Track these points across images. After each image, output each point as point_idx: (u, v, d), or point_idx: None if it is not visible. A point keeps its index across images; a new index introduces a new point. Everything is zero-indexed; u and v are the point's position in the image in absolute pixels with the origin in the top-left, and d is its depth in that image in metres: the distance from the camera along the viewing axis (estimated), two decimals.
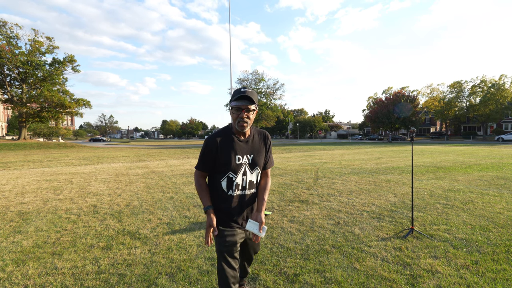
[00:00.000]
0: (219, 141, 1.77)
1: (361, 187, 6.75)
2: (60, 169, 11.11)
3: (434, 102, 56.03)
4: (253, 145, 1.84)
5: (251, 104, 1.69)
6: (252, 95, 1.68)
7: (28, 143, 31.01)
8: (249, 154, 1.81)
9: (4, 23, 32.30)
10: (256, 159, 1.83)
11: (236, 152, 1.77)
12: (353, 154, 17.64)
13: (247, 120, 1.72)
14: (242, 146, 1.80)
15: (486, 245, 3.24)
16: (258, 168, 1.85)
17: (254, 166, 1.83)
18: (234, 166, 1.76)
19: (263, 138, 1.92)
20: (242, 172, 1.79)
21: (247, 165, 1.80)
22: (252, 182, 1.84)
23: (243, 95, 1.67)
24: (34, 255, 3.07)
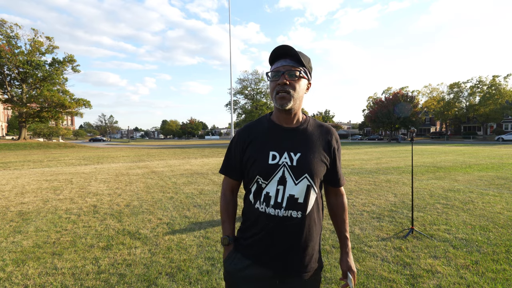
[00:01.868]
0: (250, 132, 1.19)
1: (361, 187, 6.75)
2: (60, 169, 11.11)
3: (433, 102, 56.06)
4: (304, 138, 1.14)
5: (298, 65, 1.07)
6: (300, 55, 1.07)
7: (28, 143, 31.01)
8: (294, 151, 1.11)
9: (4, 22, 32.30)
10: (306, 160, 1.10)
11: (269, 145, 1.13)
12: (353, 154, 17.64)
13: (290, 89, 1.06)
14: (282, 136, 1.14)
15: (486, 245, 3.24)
16: (310, 178, 1.10)
17: (301, 171, 1.09)
18: (264, 167, 1.10)
19: (326, 133, 1.19)
20: (277, 177, 1.09)
21: (287, 167, 1.09)
22: (294, 199, 1.09)
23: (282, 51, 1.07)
24: (34, 255, 3.07)
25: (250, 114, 59.69)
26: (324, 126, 1.21)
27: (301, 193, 1.10)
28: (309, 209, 1.12)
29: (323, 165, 1.14)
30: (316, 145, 1.15)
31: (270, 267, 1.11)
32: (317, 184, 1.14)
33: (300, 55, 1.06)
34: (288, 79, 1.06)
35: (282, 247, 1.10)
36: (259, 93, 62.46)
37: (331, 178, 1.22)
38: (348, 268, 1.21)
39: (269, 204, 1.10)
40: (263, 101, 61.49)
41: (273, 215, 1.09)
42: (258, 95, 62.53)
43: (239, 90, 62.06)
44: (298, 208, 1.10)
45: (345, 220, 1.27)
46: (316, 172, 1.11)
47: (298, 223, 1.10)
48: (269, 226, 1.10)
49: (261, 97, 62.36)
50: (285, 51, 1.07)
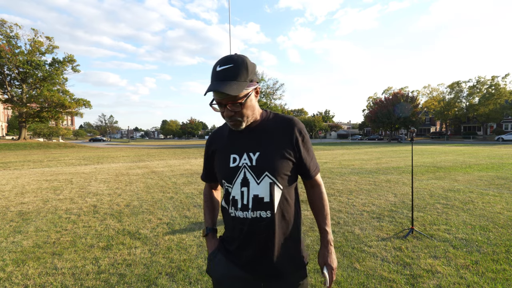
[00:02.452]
0: (213, 139, 1.25)
1: (361, 187, 6.75)
2: (60, 169, 11.11)
3: (434, 102, 56.07)
4: (263, 136, 1.13)
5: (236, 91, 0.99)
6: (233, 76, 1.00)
7: (28, 143, 31.01)
8: (253, 151, 1.10)
9: (4, 22, 32.30)
10: (265, 158, 1.09)
11: (230, 149, 1.14)
12: (353, 154, 17.65)
13: (238, 117, 1.06)
14: (240, 139, 1.14)
15: (486, 245, 3.24)
16: (271, 175, 1.08)
17: (261, 170, 1.08)
18: (226, 171, 1.13)
19: (287, 125, 1.14)
20: (240, 180, 1.10)
21: (248, 168, 1.09)
22: (259, 199, 1.08)
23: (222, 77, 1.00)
24: (34, 255, 3.07)
25: None
26: (285, 119, 1.17)
27: (265, 191, 1.08)
28: (276, 206, 1.10)
29: (285, 159, 1.10)
30: (276, 140, 1.12)
31: (250, 271, 1.11)
32: (282, 180, 1.10)
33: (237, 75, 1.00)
34: (233, 109, 1.04)
35: (259, 249, 1.10)
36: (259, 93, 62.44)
37: (300, 170, 1.17)
38: (324, 263, 1.16)
39: (237, 207, 1.10)
40: (263, 101, 61.54)
41: (243, 218, 1.09)
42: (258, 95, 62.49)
43: None
44: (265, 208, 1.08)
45: (323, 212, 1.20)
46: (277, 168, 1.08)
47: (269, 223, 1.09)
48: (243, 230, 1.10)
49: (261, 97, 62.39)
50: (220, 76, 1.00)
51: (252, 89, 1.06)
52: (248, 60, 1.04)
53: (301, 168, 1.17)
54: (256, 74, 1.08)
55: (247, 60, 1.04)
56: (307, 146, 1.16)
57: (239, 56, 1.04)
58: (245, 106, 1.05)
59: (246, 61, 1.03)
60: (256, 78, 1.08)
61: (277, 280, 1.12)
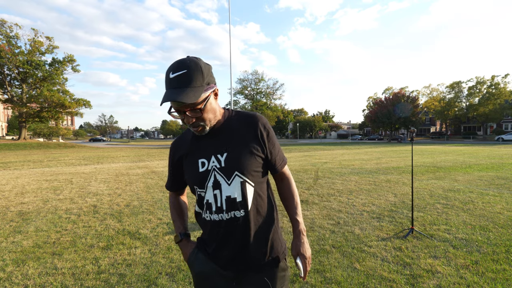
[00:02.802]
0: (177, 146, 1.21)
1: (361, 187, 6.75)
2: (60, 169, 11.11)
3: (434, 102, 56.07)
4: (228, 136, 1.12)
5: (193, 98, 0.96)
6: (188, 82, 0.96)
7: (28, 143, 31.02)
8: (221, 152, 1.10)
9: (4, 22, 32.31)
10: (233, 158, 1.09)
11: (197, 154, 1.13)
12: (353, 154, 17.65)
13: (200, 122, 1.04)
14: (206, 142, 1.13)
15: (486, 245, 3.24)
16: (241, 174, 1.08)
17: (230, 170, 1.08)
18: (196, 176, 1.12)
19: (250, 122, 1.14)
20: (211, 183, 1.09)
21: (217, 170, 1.09)
22: (232, 199, 1.08)
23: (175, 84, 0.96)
24: (34, 255, 3.07)
25: None
26: (248, 115, 1.16)
27: (237, 191, 1.08)
28: (250, 204, 1.10)
29: (253, 156, 1.10)
30: (242, 138, 1.11)
31: (230, 269, 1.12)
32: (253, 178, 1.11)
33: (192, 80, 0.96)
34: (192, 116, 1.01)
35: (236, 248, 1.10)
36: (259, 93, 62.51)
37: (269, 165, 1.18)
38: (297, 253, 1.14)
39: (212, 210, 1.11)
40: (263, 101, 61.53)
41: (219, 221, 1.10)
42: (258, 95, 62.59)
43: (239, 90, 62.13)
44: (239, 207, 1.09)
45: (292, 202, 1.21)
46: (246, 166, 1.09)
47: (244, 222, 1.09)
48: (220, 232, 1.11)
49: (261, 97, 62.41)
50: (173, 84, 0.96)
51: (210, 92, 1.03)
52: (202, 62, 1.00)
53: (268, 162, 1.17)
54: (213, 75, 1.06)
55: (200, 62, 0.99)
56: (272, 140, 1.16)
57: (191, 59, 0.99)
58: (205, 111, 1.03)
59: (200, 64, 0.98)
60: (213, 79, 1.05)
61: (256, 273, 1.13)
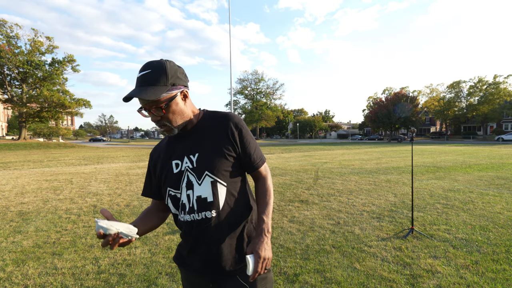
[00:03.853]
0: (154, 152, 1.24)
1: (361, 187, 6.75)
2: (60, 169, 11.11)
3: (434, 102, 56.07)
4: (200, 136, 1.13)
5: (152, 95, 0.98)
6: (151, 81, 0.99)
7: (28, 143, 31.02)
8: (193, 153, 1.10)
9: (4, 22, 32.31)
10: (204, 157, 1.09)
11: (171, 156, 1.14)
12: (353, 154, 17.65)
13: (165, 122, 1.05)
14: (179, 144, 1.14)
15: (486, 245, 3.24)
16: (211, 174, 1.08)
17: (201, 170, 1.08)
18: (171, 178, 1.12)
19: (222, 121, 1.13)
20: (185, 183, 1.09)
21: (190, 170, 1.09)
22: (202, 200, 1.07)
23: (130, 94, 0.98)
24: (34, 255, 3.07)
25: (250, 114, 59.76)
26: (220, 115, 1.15)
27: (207, 191, 1.07)
28: (221, 204, 1.08)
29: (224, 156, 1.09)
30: (214, 138, 1.11)
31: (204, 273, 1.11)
32: (224, 177, 1.09)
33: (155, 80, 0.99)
34: (158, 114, 1.03)
35: (208, 250, 1.09)
36: (259, 93, 62.52)
37: (244, 164, 1.15)
38: (251, 250, 1.04)
39: (185, 211, 1.10)
40: (263, 101, 61.52)
41: (191, 221, 1.09)
42: (258, 95, 62.59)
43: (239, 90, 62.14)
44: (209, 208, 1.07)
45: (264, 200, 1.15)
46: (216, 166, 1.08)
47: (215, 223, 1.08)
48: (192, 232, 1.10)
49: (261, 97, 62.42)
50: (138, 82, 1.01)
51: (176, 93, 1.04)
52: (169, 64, 1.03)
53: (243, 161, 1.15)
54: (182, 78, 1.06)
55: (167, 64, 1.02)
56: (247, 139, 1.13)
57: (159, 61, 1.03)
58: (169, 111, 1.03)
59: (165, 66, 1.02)
60: (182, 81, 1.06)
61: (233, 276, 1.10)
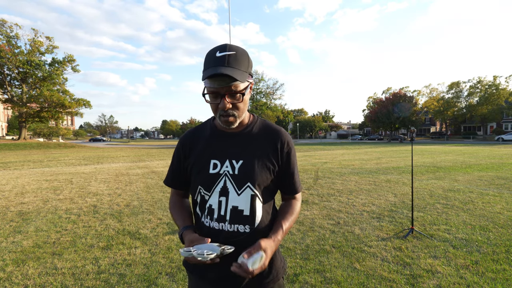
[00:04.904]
0: (193, 137, 1.11)
1: (361, 187, 6.75)
2: (60, 169, 11.11)
3: (433, 102, 56.08)
4: (248, 143, 1.03)
5: (235, 81, 0.89)
6: (236, 64, 0.90)
7: (28, 143, 31.01)
8: (236, 158, 1.01)
9: (4, 22, 32.30)
10: (249, 168, 0.99)
11: (211, 153, 1.04)
12: (353, 154, 17.65)
13: (234, 111, 0.95)
14: (224, 142, 1.05)
15: (486, 245, 3.24)
16: (252, 187, 0.99)
17: (243, 180, 0.99)
18: (205, 177, 1.02)
19: (274, 136, 1.06)
20: (219, 188, 1.00)
21: (229, 176, 1.00)
22: (238, 211, 0.99)
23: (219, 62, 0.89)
24: (34, 255, 3.07)
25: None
26: (273, 128, 1.08)
27: (246, 204, 0.99)
28: (257, 221, 1.00)
29: (268, 172, 1.02)
30: (261, 150, 1.03)
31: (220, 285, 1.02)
32: (264, 194, 1.02)
33: (239, 63, 0.91)
34: (230, 102, 0.93)
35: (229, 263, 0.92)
36: (259, 93, 62.52)
37: (281, 185, 1.09)
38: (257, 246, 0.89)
39: (213, 217, 1.00)
40: (263, 101, 61.54)
41: (218, 230, 0.99)
42: (258, 95, 62.60)
43: None
44: (244, 222, 0.98)
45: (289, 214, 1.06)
46: (259, 180, 1.00)
47: (247, 239, 0.97)
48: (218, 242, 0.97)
49: (261, 97, 62.41)
50: (221, 62, 0.89)
51: (249, 83, 0.98)
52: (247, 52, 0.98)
53: (283, 182, 1.08)
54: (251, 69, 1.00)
55: (247, 51, 0.97)
56: (293, 160, 1.08)
57: (239, 46, 0.96)
58: (244, 100, 0.96)
59: (247, 52, 0.97)
60: (251, 71, 0.99)
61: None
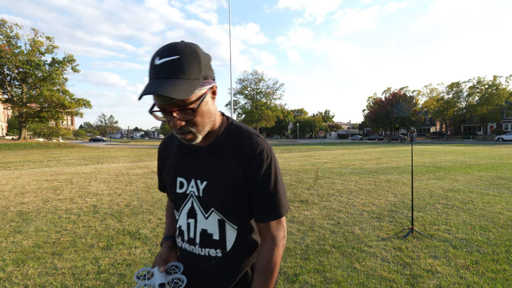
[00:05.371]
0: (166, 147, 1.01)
1: (361, 187, 6.75)
2: (60, 169, 11.11)
3: (433, 102, 56.08)
4: (212, 160, 0.87)
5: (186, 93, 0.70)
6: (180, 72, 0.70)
7: (28, 143, 31.01)
8: (201, 178, 0.88)
9: (4, 22, 32.30)
10: (213, 190, 0.86)
11: (176, 169, 0.93)
12: (353, 154, 17.65)
13: (190, 127, 0.77)
14: (190, 158, 0.91)
15: (486, 245, 3.24)
16: (218, 212, 0.87)
17: (208, 204, 0.87)
18: (173, 196, 0.94)
19: (246, 149, 0.85)
20: (186, 209, 0.91)
21: (195, 198, 0.89)
22: (207, 235, 0.88)
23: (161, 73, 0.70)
24: (34, 255, 3.07)
25: (250, 114, 59.82)
26: (244, 138, 0.86)
27: (214, 228, 0.87)
28: (229, 246, 0.88)
29: (235, 194, 0.85)
30: (228, 167, 0.85)
31: None
32: (237, 219, 0.88)
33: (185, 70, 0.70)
34: (182, 118, 0.74)
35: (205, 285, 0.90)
36: (259, 93, 62.53)
37: (253, 208, 0.87)
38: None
39: (184, 239, 0.92)
40: (263, 101, 61.54)
41: (190, 252, 0.91)
42: (258, 95, 62.60)
43: (239, 90, 62.14)
44: (215, 246, 0.88)
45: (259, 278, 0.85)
46: (225, 205, 0.85)
47: (220, 264, 0.88)
48: (189, 264, 0.91)
49: (261, 97, 62.43)
50: (159, 73, 0.70)
51: (208, 89, 0.77)
52: (200, 50, 0.75)
53: (256, 206, 0.87)
54: (211, 69, 0.80)
55: (198, 49, 0.74)
56: (269, 177, 0.84)
57: (186, 44, 0.73)
58: (199, 113, 0.76)
59: (197, 51, 0.74)
60: (212, 73, 0.79)
61: None
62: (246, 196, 0.86)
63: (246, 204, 0.87)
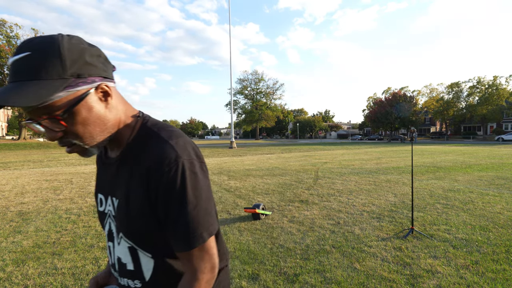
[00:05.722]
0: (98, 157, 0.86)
1: (361, 187, 6.76)
2: (60, 169, 11.11)
3: (433, 102, 56.10)
4: (122, 174, 0.73)
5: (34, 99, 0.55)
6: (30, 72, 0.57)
7: (28, 143, 31.02)
8: (115, 195, 0.75)
9: (4, 22, 32.32)
10: (122, 212, 0.72)
11: (98, 184, 0.84)
12: (353, 154, 17.65)
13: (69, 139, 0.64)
14: (108, 171, 0.78)
15: (486, 245, 3.24)
16: (127, 240, 0.73)
17: (119, 227, 0.74)
18: (98, 215, 0.83)
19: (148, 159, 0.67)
20: (107, 231, 0.79)
21: (112, 218, 0.76)
22: (122, 264, 0.76)
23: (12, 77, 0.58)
24: (34, 255, 3.07)
25: (250, 114, 59.86)
26: (149, 145, 0.69)
27: (126, 257, 0.74)
28: (148, 277, 0.74)
29: (143, 217, 0.68)
30: (134, 184, 0.68)
31: None
32: (149, 246, 0.72)
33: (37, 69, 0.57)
34: (53, 128, 0.61)
35: None
36: (259, 93, 62.53)
37: (168, 235, 0.69)
38: None
39: (110, 262, 0.83)
40: (263, 101, 61.53)
41: (117, 279, 0.81)
42: (258, 95, 62.61)
43: (239, 90, 62.15)
44: (131, 277, 0.75)
45: None
46: (135, 229, 0.70)
47: None
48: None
49: (261, 97, 62.42)
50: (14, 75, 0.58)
51: (86, 90, 0.62)
52: (68, 42, 0.60)
53: (167, 230, 0.69)
54: (99, 64, 0.65)
55: (62, 41, 0.59)
56: (175, 196, 0.65)
57: (50, 37, 0.59)
58: (77, 121, 0.62)
59: (58, 44, 0.58)
60: (98, 69, 0.64)
61: None
62: (155, 220, 0.69)
63: (157, 229, 0.70)
